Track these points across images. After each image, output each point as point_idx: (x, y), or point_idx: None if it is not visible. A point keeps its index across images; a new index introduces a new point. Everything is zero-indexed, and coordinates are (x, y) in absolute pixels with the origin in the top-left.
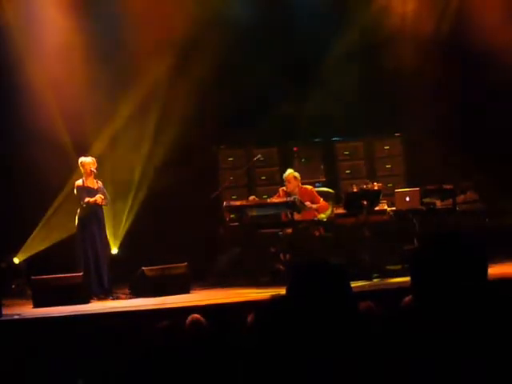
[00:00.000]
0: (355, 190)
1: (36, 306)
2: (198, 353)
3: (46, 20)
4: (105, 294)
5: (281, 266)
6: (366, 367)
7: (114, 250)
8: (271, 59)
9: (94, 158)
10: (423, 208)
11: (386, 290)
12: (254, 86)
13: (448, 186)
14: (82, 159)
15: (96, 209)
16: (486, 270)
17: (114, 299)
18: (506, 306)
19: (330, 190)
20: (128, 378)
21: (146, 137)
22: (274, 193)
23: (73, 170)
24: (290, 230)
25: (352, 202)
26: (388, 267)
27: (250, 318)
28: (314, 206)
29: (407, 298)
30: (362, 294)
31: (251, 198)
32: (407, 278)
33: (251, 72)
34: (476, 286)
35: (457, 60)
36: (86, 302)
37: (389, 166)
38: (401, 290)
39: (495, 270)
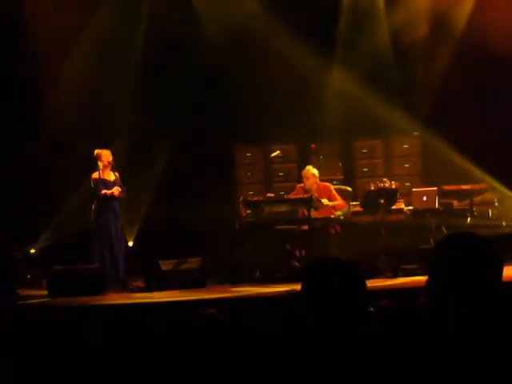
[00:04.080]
0: (372, 188)
1: (51, 296)
2: (212, 347)
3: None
4: (120, 287)
5: (296, 263)
6: (378, 366)
7: (130, 243)
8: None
9: (110, 150)
10: (440, 208)
11: (401, 289)
12: (271, 82)
13: (465, 187)
14: (98, 151)
15: (112, 201)
16: (501, 272)
17: (128, 292)
18: None
19: (347, 188)
20: (140, 371)
21: (164, 130)
22: (291, 189)
23: (91, 162)
24: (306, 227)
25: (369, 201)
26: (404, 266)
27: (264, 314)
28: (331, 203)
29: (422, 298)
30: (377, 292)
31: (268, 195)
32: (423, 278)
33: (269, 68)
34: (490, 288)
35: (474, 59)
36: (101, 293)
37: (407, 165)
38: (416, 289)
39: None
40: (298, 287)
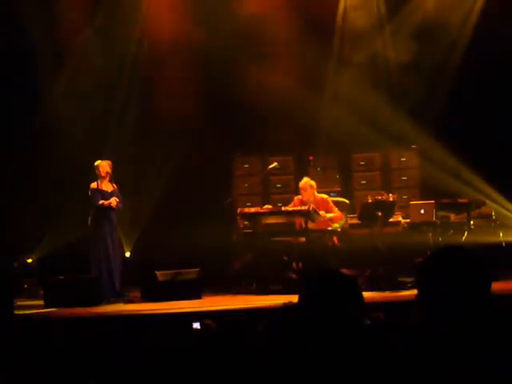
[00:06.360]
0: (370, 200)
1: (47, 306)
2: (207, 358)
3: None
4: (116, 297)
5: (293, 275)
6: (374, 378)
7: (127, 253)
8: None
9: (109, 161)
10: (438, 221)
11: (397, 302)
12: (270, 93)
13: (463, 200)
14: (97, 162)
15: (110, 212)
16: (489, 285)
17: (125, 302)
18: (508, 320)
19: (344, 200)
20: (136, 381)
21: (162, 142)
22: (289, 201)
23: (89, 172)
24: (303, 239)
25: (366, 213)
26: (400, 279)
27: (260, 326)
28: (329, 215)
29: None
30: (374, 305)
31: (266, 206)
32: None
33: (268, 80)
34: (478, 301)
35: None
36: (98, 304)
37: (404, 178)
38: (412, 302)
39: (506, 285)
40: (295, 299)
